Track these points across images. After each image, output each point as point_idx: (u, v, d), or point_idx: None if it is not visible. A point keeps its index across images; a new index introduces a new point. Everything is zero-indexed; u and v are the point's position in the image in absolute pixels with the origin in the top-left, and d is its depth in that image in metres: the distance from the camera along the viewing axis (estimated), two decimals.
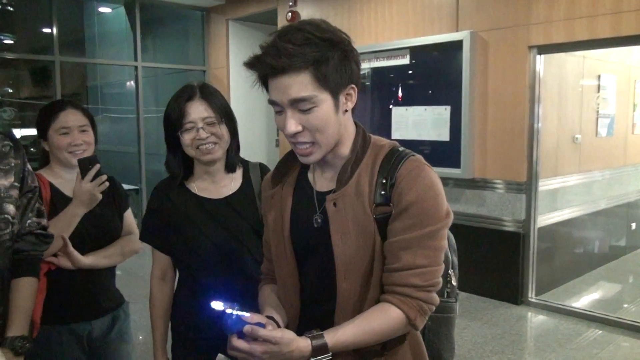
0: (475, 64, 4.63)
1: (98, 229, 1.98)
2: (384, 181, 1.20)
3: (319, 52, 1.13)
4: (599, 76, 5.49)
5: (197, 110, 1.68)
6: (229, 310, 1.13)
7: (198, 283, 1.76)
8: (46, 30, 6.75)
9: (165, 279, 1.86)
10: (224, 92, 7.29)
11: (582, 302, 4.88)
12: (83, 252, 1.92)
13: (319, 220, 1.26)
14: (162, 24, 8.31)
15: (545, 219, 4.82)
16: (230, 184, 1.79)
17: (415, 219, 1.17)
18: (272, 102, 1.19)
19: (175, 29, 8.33)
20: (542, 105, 4.57)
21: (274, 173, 1.38)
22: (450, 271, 1.39)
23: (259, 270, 1.72)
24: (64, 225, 1.85)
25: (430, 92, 4.98)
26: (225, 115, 1.73)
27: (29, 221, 1.51)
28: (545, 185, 4.77)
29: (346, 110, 1.22)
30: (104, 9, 8.71)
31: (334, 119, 1.19)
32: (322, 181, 1.31)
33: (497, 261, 4.76)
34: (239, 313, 1.13)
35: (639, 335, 4.06)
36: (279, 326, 1.23)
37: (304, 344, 1.13)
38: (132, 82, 7.52)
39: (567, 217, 5.22)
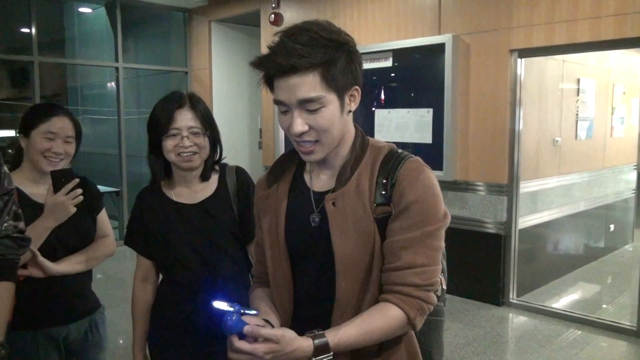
0: (457, 67, 4.67)
1: (70, 234, 1.94)
2: (385, 181, 1.22)
3: (327, 53, 1.14)
4: (579, 80, 5.57)
5: (185, 119, 1.73)
6: (230, 309, 1.12)
7: (178, 285, 1.82)
8: (25, 30, 6.64)
9: (147, 281, 1.92)
10: (207, 93, 7.27)
11: (562, 302, 4.95)
12: (55, 258, 1.88)
13: (317, 220, 1.26)
14: (144, 25, 8.23)
15: (526, 220, 4.87)
16: (205, 188, 1.84)
17: (415, 218, 1.19)
18: (278, 102, 1.20)
19: (157, 30, 8.27)
20: (523, 108, 4.63)
21: (268, 174, 1.38)
22: (440, 275, 1.39)
23: (235, 269, 1.83)
24: (33, 237, 1.80)
25: (412, 94, 5.01)
26: (210, 127, 1.78)
27: (5, 224, 1.47)
28: (526, 187, 4.82)
29: (349, 111, 1.25)
30: (84, 9, 8.60)
31: (338, 119, 1.20)
32: (319, 181, 1.31)
33: (479, 263, 4.80)
34: (244, 311, 1.13)
35: (618, 335, 4.12)
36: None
37: (306, 343, 1.13)
38: (113, 84, 7.44)
39: (548, 219, 5.28)
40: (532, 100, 4.90)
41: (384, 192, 1.22)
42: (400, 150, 1.28)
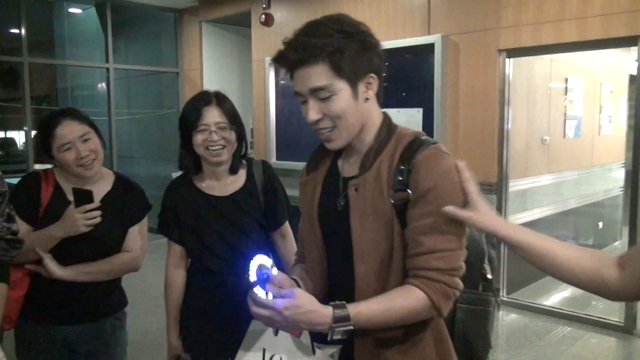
0: (446, 67, 4.70)
1: (86, 243, 1.90)
2: (402, 167, 1.24)
3: (334, 43, 1.19)
4: (567, 79, 5.63)
5: (212, 115, 1.86)
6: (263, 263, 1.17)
7: (208, 272, 1.93)
8: (14, 30, 6.61)
9: (179, 267, 2.01)
10: None
11: (552, 299, 4.99)
12: (68, 263, 1.88)
13: (342, 204, 1.31)
14: (134, 26, 8.21)
15: (516, 219, 4.91)
16: (235, 182, 1.97)
17: (433, 204, 1.20)
18: (296, 93, 1.26)
19: (147, 30, 8.24)
20: (512, 107, 4.67)
21: (308, 162, 1.46)
22: (486, 264, 1.43)
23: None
24: (40, 242, 1.83)
25: (402, 94, 5.03)
26: (236, 122, 1.90)
27: None
28: (515, 185, 4.86)
29: (367, 99, 1.28)
30: (74, 10, 8.57)
31: (353, 106, 1.24)
32: (347, 167, 1.37)
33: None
34: (274, 273, 1.18)
35: (607, 331, 4.17)
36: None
37: (326, 310, 1.15)
38: (104, 84, 7.42)
39: (537, 217, 5.32)
40: (521, 100, 4.94)
41: (400, 179, 1.23)
42: (424, 137, 1.29)
